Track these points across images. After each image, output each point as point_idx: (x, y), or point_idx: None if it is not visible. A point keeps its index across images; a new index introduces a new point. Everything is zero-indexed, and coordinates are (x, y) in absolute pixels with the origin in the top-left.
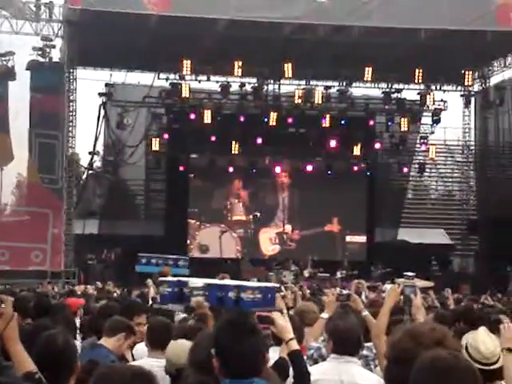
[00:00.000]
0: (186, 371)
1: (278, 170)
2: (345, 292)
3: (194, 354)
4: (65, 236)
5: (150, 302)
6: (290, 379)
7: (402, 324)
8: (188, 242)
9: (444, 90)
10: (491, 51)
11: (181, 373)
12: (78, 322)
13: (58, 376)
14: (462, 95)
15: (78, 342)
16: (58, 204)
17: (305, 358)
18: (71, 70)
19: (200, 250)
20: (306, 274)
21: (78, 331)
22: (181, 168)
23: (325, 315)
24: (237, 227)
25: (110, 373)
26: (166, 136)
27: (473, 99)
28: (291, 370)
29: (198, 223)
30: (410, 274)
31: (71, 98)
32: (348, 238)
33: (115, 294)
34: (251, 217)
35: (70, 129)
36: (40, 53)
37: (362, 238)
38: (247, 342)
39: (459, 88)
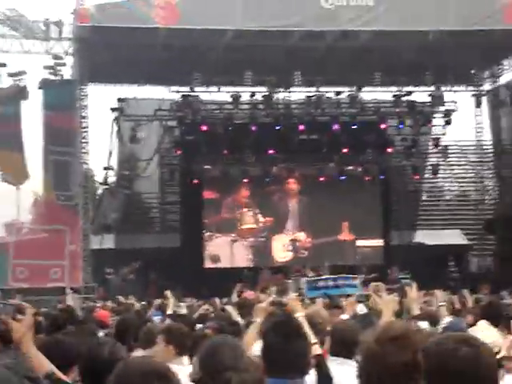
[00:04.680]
0: (223, 375)
1: (290, 177)
2: (364, 293)
3: (216, 359)
4: (82, 252)
5: (169, 312)
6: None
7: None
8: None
9: (454, 91)
10: (500, 50)
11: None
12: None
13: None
14: (473, 95)
15: None
16: (75, 220)
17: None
18: (82, 87)
19: (211, 260)
20: None
21: None
22: (194, 180)
23: (344, 316)
24: (248, 236)
25: (126, 369)
26: (178, 148)
27: (484, 98)
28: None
29: (209, 234)
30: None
31: (83, 114)
32: (360, 243)
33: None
34: (261, 224)
35: (84, 145)
36: (51, 71)
37: (378, 242)
38: (295, 342)
39: (470, 88)
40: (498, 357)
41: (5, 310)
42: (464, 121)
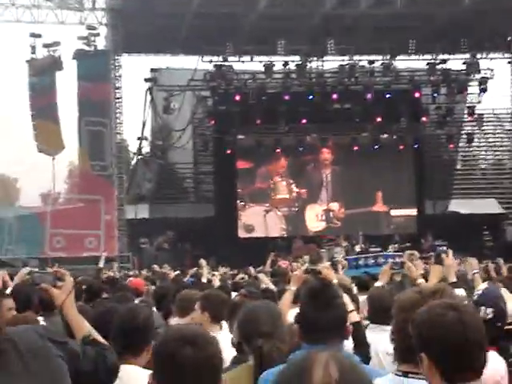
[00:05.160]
0: (256, 341)
1: (324, 147)
2: (398, 260)
3: (254, 325)
4: (117, 221)
5: (203, 280)
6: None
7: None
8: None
9: (490, 58)
10: None
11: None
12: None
13: (136, 348)
14: (509, 62)
15: None
16: (110, 190)
17: None
18: (116, 57)
19: (245, 229)
20: (358, 249)
21: None
22: (228, 150)
23: (379, 284)
24: (281, 206)
25: (163, 336)
26: (211, 118)
27: None
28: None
29: (242, 203)
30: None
31: (117, 84)
32: (394, 212)
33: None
34: (294, 194)
35: (118, 115)
36: (85, 41)
37: (412, 211)
38: (333, 309)
39: (506, 55)
40: None
41: (42, 279)
42: (500, 89)
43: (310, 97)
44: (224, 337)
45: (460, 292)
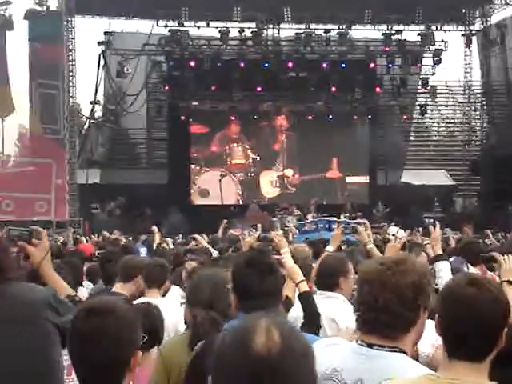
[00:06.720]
0: (193, 311)
1: (279, 114)
2: (351, 225)
3: (194, 294)
4: (68, 186)
5: (155, 247)
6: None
7: None
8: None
9: (445, 30)
10: None
11: None
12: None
13: None
14: (462, 35)
15: (83, 289)
16: (61, 154)
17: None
18: (69, 19)
19: (200, 194)
20: (310, 218)
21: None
22: (182, 116)
23: (330, 248)
24: (237, 171)
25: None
26: (166, 84)
27: (474, 38)
28: (297, 309)
29: (198, 168)
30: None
31: (70, 47)
32: (348, 179)
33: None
34: (250, 160)
35: (71, 78)
36: (37, 1)
37: (365, 179)
38: (266, 280)
39: (460, 27)
40: None
41: (19, 235)
42: (453, 61)
43: (266, 64)
44: (165, 303)
45: (445, 265)
